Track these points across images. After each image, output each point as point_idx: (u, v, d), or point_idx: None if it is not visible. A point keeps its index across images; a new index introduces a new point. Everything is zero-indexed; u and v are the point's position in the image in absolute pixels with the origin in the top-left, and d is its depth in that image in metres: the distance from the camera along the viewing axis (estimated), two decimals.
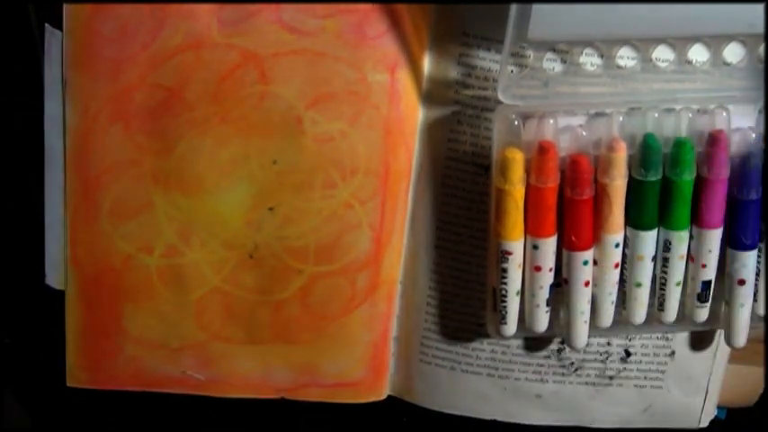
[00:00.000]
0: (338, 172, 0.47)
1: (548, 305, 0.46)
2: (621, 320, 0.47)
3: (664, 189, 0.44)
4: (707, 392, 0.52)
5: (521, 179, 0.43)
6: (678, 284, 0.46)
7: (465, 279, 0.49)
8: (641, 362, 0.50)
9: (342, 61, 0.46)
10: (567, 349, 0.50)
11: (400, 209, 0.48)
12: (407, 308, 0.50)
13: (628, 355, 0.50)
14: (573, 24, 0.41)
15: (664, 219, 0.45)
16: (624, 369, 0.51)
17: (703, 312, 0.47)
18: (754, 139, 0.44)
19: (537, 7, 0.40)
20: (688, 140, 0.43)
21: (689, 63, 0.45)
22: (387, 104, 0.46)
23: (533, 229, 0.44)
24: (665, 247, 0.45)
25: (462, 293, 0.49)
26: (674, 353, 0.50)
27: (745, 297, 0.47)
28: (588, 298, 0.46)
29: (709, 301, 0.47)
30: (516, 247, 0.44)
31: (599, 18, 0.41)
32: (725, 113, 0.44)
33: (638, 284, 0.46)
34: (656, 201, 0.44)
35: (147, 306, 0.49)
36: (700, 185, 0.44)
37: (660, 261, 0.46)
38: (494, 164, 0.44)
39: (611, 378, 0.51)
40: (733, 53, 0.45)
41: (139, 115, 0.46)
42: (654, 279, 0.46)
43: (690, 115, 0.44)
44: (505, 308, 0.46)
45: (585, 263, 0.45)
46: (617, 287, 0.46)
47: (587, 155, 0.44)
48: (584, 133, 0.44)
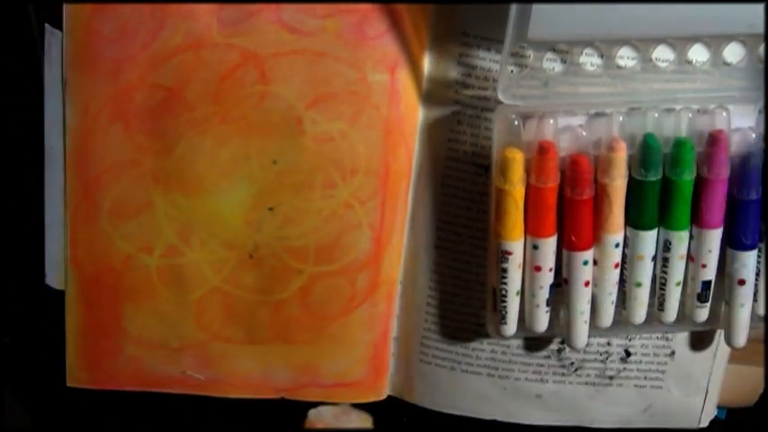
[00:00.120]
0: (338, 172, 0.47)
1: (548, 305, 0.46)
2: (621, 320, 0.47)
3: (664, 189, 0.44)
4: (707, 392, 0.52)
5: (521, 179, 0.43)
6: (678, 284, 0.46)
7: (465, 279, 0.49)
8: (641, 362, 0.50)
9: (342, 61, 0.45)
10: (567, 349, 0.50)
11: (400, 209, 0.48)
12: (407, 308, 0.50)
13: (628, 355, 0.50)
14: (573, 24, 0.41)
15: (664, 219, 0.45)
16: (624, 369, 0.51)
17: (703, 312, 0.47)
18: (754, 139, 0.44)
19: (537, 7, 0.40)
20: (688, 140, 0.43)
21: (689, 63, 0.44)
22: (387, 104, 0.46)
23: (533, 229, 0.44)
24: (665, 247, 0.45)
25: (462, 293, 0.49)
26: (674, 353, 0.50)
27: (745, 297, 0.47)
28: (588, 298, 0.46)
29: (709, 301, 0.47)
30: (516, 247, 0.44)
31: (599, 18, 0.41)
32: (725, 113, 0.44)
33: (638, 284, 0.46)
34: (656, 201, 0.44)
35: (147, 306, 0.49)
36: (700, 185, 0.44)
37: (660, 261, 0.46)
38: (494, 164, 0.44)
39: (611, 378, 0.51)
40: (733, 53, 0.45)
41: (139, 115, 0.46)
42: (654, 279, 0.46)
43: (690, 115, 0.44)
44: (505, 308, 0.46)
45: (585, 263, 0.45)
46: (617, 287, 0.46)
47: (587, 155, 0.44)
48: (585, 133, 0.44)
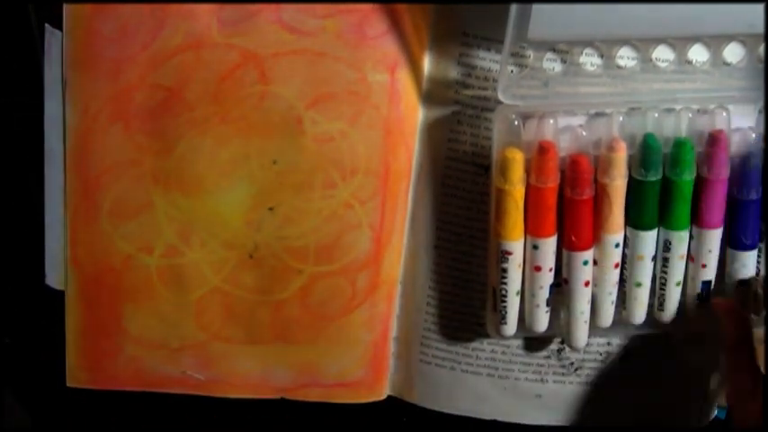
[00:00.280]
0: (338, 172, 0.47)
1: (548, 305, 0.46)
2: (621, 320, 0.47)
3: (664, 189, 0.44)
4: (707, 392, 0.52)
5: (521, 179, 0.43)
6: (678, 284, 0.46)
7: (465, 279, 0.49)
8: (641, 362, 0.50)
9: (342, 61, 0.45)
10: (567, 349, 0.50)
11: (400, 209, 0.48)
12: (407, 308, 0.50)
13: (627, 354, 0.50)
14: (573, 24, 0.41)
15: (664, 219, 0.45)
16: (624, 369, 0.51)
17: (701, 312, 0.47)
18: (754, 139, 0.44)
19: (537, 7, 0.40)
20: (688, 140, 0.43)
21: (689, 63, 0.45)
22: (387, 104, 0.46)
23: (533, 229, 0.44)
24: (664, 247, 0.45)
25: (462, 293, 0.49)
26: (674, 353, 0.50)
27: None
28: (588, 298, 0.46)
29: (709, 300, 0.47)
30: (516, 247, 0.45)
31: (599, 18, 0.41)
32: (725, 113, 0.44)
33: (638, 284, 0.46)
34: (656, 201, 0.44)
35: (147, 306, 0.49)
36: (700, 185, 0.44)
37: (660, 261, 0.46)
38: (494, 164, 0.44)
39: (611, 378, 0.51)
40: (733, 53, 0.45)
41: (139, 115, 0.46)
42: (654, 279, 0.46)
43: (690, 115, 0.44)
44: (505, 308, 0.46)
45: (585, 263, 0.45)
46: (617, 287, 0.46)
47: (587, 155, 0.44)
48: (584, 133, 0.44)
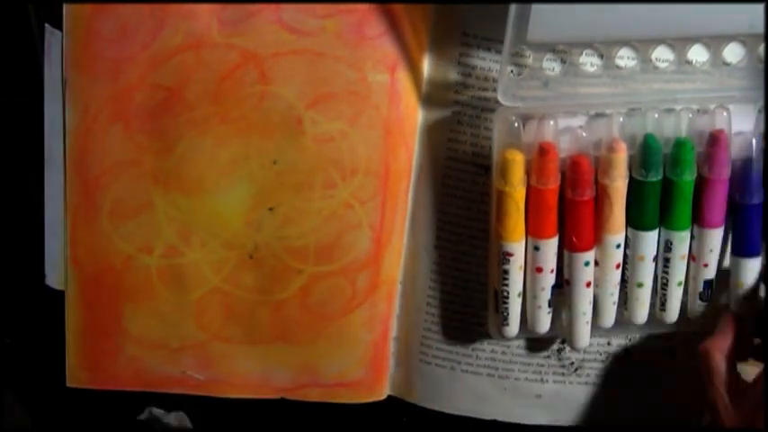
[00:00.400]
0: (338, 172, 0.47)
1: (549, 306, 0.46)
2: (623, 321, 0.47)
3: (664, 189, 0.44)
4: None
5: (521, 181, 0.43)
6: (679, 284, 0.46)
7: (465, 279, 0.49)
8: (641, 362, 0.50)
9: (342, 61, 0.45)
10: (568, 349, 0.50)
11: (400, 209, 0.48)
12: (407, 308, 0.50)
13: (628, 355, 0.50)
14: (572, 25, 0.41)
15: (665, 219, 0.45)
16: (624, 369, 0.51)
17: (705, 312, 0.47)
18: (755, 141, 0.44)
19: (536, 8, 0.40)
20: (688, 140, 0.43)
21: (689, 63, 0.44)
22: (387, 104, 0.46)
23: (534, 231, 0.44)
24: (666, 248, 0.45)
25: (462, 293, 0.49)
26: (674, 353, 0.50)
27: None
28: (590, 299, 0.46)
29: (711, 300, 0.47)
30: (517, 248, 0.44)
31: (598, 19, 0.41)
32: (725, 113, 0.44)
33: (640, 285, 0.46)
34: (656, 201, 0.44)
35: (147, 306, 0.49)
36: (700, 185, 0.44)
37: (661, 261, 0.46)
38: (494, 166, 0.44)
39: (611, 378, 0.51)
40: (733, 53, 0.45)
41: (139, 115, 0.46)
42: (655, 279, 0.46)
43: (690, 115, 0.44)
44: (507, 309, 0.46)
45: (587, 264, 0.45)
46: (618, 287, 0.46)
47: (588, 156, 0.44)
48: (585, 134, 0.44)
